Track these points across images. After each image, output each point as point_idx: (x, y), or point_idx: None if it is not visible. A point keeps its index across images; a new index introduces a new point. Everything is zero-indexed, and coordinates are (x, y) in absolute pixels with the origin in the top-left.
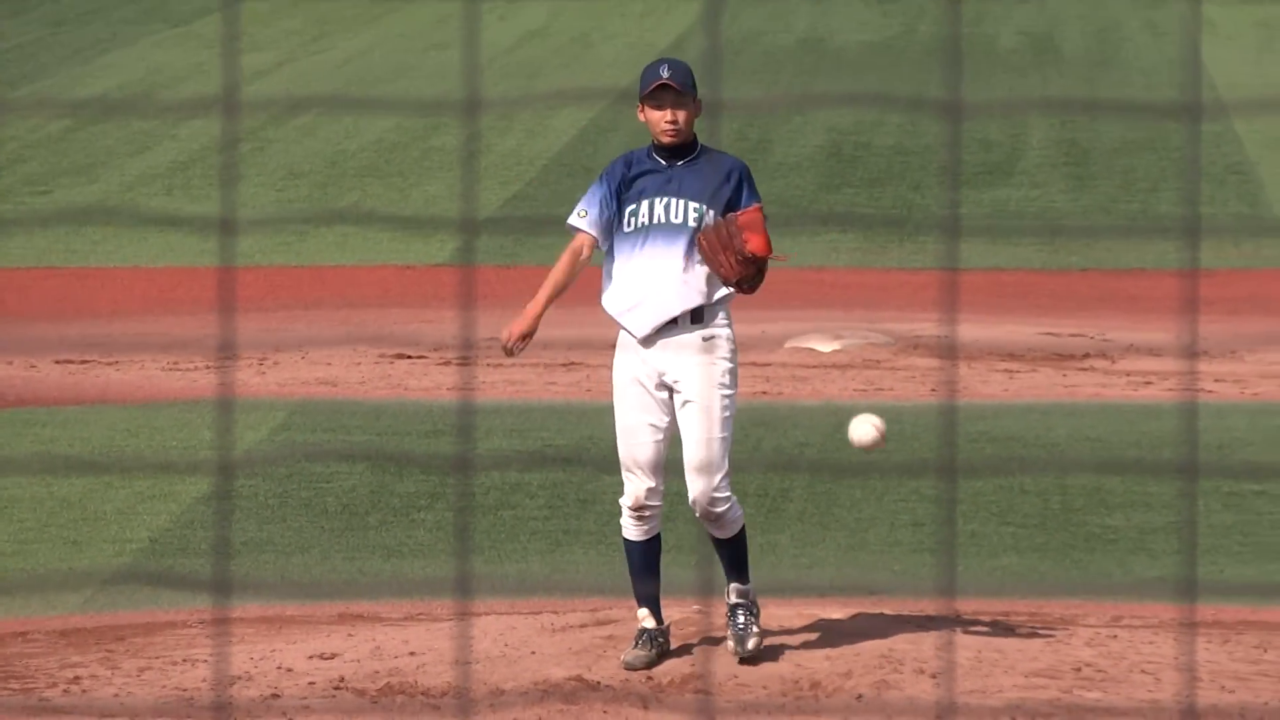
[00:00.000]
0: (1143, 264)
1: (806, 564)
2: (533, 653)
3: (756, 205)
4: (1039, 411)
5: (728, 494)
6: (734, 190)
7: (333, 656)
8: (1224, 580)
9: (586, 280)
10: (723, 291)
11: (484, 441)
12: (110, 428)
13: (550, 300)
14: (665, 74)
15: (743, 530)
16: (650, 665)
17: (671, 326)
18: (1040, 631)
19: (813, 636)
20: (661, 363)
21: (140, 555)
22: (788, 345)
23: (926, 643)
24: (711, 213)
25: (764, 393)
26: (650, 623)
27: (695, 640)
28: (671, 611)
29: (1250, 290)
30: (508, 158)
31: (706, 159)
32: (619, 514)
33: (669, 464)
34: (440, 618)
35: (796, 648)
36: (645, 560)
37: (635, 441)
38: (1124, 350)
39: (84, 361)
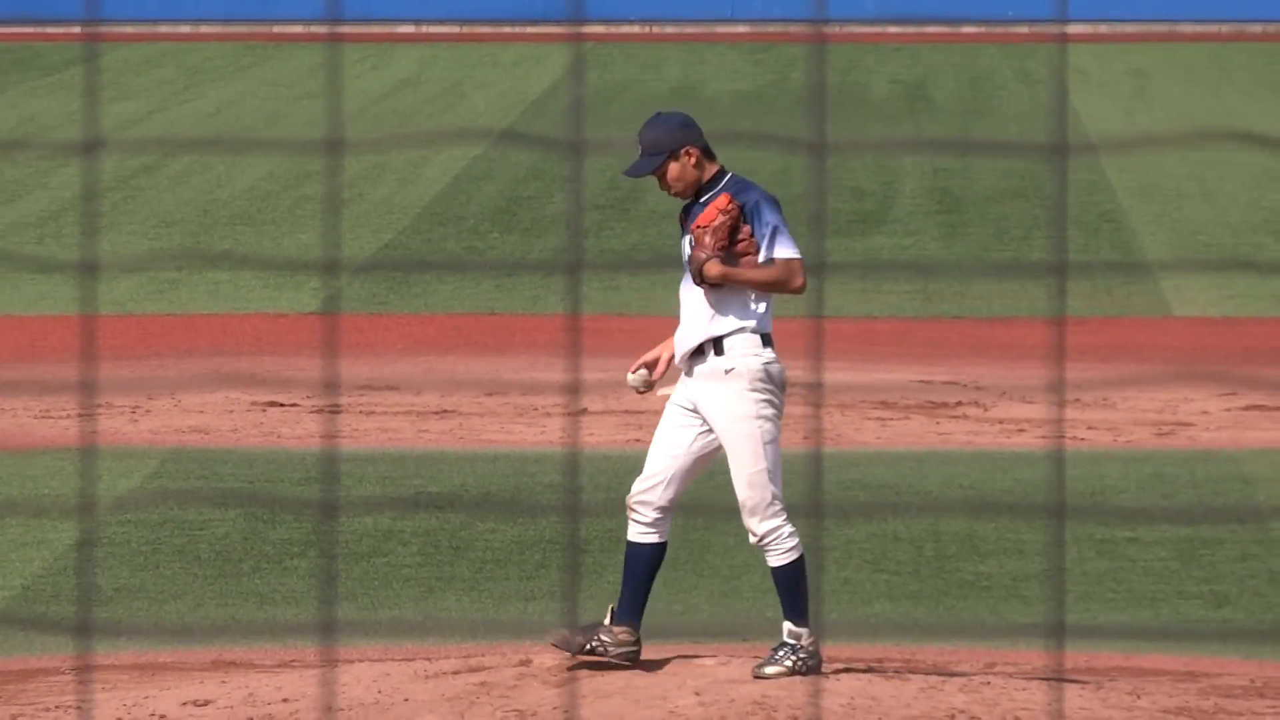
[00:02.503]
0: (1015, 312)
1: (680, 610)
2: (406, 700)
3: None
4: (912, 459)
5: (772, 524)
6: (740, 219)
7: (206, 703)
8: (1097, 626)
9: (453, 329)
10: (745, 322)
11: (357, 489)
12: None
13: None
14: (635, 158)
15: (795, 564)
16: (570, 647)
17: (700, 357)
18: (913, 678)
19: (686, 682)
20: (693, 391)
21: (13, 601)
22: (660, 393)
23: (799, 689)
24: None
25: (636, 440)
26: (607, 634)
27: (560, 684)
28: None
29: (1123, 337)
30: (380, 206)
31: (722, 192)
32: (496, 560)
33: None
34: (314, 664)
35: (669, 693)
36: (630, 561)
37: (653, 449)
38: (997, 398)
39: None
